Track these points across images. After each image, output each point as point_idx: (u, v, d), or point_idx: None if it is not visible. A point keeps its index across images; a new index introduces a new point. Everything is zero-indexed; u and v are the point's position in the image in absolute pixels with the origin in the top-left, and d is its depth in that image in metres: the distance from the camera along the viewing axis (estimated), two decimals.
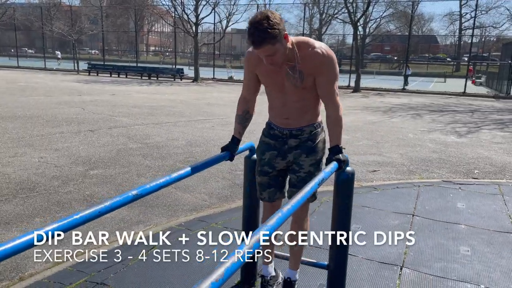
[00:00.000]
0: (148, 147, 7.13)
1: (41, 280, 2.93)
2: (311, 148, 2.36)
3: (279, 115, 2.36)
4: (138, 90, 18.86)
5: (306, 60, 2.15)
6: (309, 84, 2.21)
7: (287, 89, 2.25)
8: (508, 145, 8.50)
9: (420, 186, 5.33)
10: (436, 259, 3.34)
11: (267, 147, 2.44)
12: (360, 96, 20.23)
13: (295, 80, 2.19)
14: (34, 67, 35.55)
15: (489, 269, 3.21)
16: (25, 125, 8.69)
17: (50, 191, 4.77)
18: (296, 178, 2.39)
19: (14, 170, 5.47)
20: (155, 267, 3.10)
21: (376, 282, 2.99)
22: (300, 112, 2.31)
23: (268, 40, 1.96)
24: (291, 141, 2.36)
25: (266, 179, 2.48)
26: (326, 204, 4.52)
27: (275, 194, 2.52)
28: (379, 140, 8.58)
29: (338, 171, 2.19)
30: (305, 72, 2.17)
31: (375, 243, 2.35)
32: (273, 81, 2.27)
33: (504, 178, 5.99)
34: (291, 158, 2.38)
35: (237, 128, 2.47)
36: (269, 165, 2.44)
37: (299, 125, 2.33)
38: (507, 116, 13.78)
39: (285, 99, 2.29)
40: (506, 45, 27.95)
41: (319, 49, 2.15)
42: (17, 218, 3.99)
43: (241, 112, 2.45)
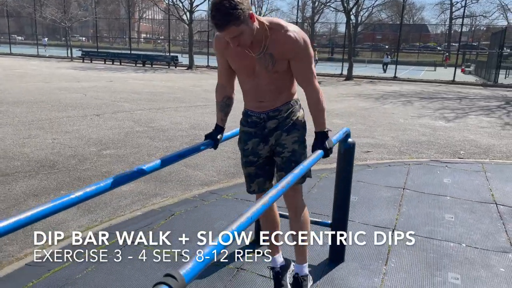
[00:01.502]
0: (154, 130, 7.50)
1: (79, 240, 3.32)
2: (290, 125, 2.27)
3: (253, 99, 2.27)
4: (134, 77, 19.10)
5: (278, 44, 2.05)
6: (282, 69, 2.13)
7: (258, 73, 2.15)
8: (493, 129, 8.99)
9: (410, 164, 5.78)
10: (423, 224, 3.78)
11: (248, 136, 2.35)
12: (352, 84, 20.66)
13: (266, 63, 2.09)
14: (26, 54, 35.42)
15: (470, 232, 3.67)
16: (32, 109, 8.99)
17: (69, 168, 5.14)
18: (281, 159, 2.30)
19: (31, 150, 5.81)
20: (178, 228, 3.51)
21: (372, 242, 3.42)
22: (274, 94, 2.22)
23: (232, 21, 1.84)
24: (269, 123, 2.27)
25: (253, 169, 2.41)
26: (325, 180, 4.96)
27: (264, 184, 2.45)
28: (372, 124, 9.02)
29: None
30: (276, 56, 2.07)
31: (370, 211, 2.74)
32: (243, 65, 2.16)
33: (487, 158, 6.47)
34: (273, 141, 2.30)
35: (219, 116, 2.41)
36: (254, 154, 2.36)
37: (274, 106, 2.24)
38: (493, 103, 14.31)
39: (256, 83, 2.19)
40: (495, 34, 28.49)
41: (292, 33, 2.04)
42: (44, 191, 4.36)
43: (221, 99, 2.38)
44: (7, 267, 2.94)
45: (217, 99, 2.39)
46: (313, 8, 59.10)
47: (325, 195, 4.44)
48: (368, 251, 3.24)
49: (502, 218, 3.98)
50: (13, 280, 2.76)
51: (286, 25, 2.06)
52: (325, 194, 4.47)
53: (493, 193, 4.67)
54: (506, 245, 3.41)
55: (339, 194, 2.93)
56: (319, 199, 4.31)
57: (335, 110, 10.87)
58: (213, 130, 2.38)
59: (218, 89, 2.38)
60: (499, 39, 24.31)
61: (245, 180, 2.49)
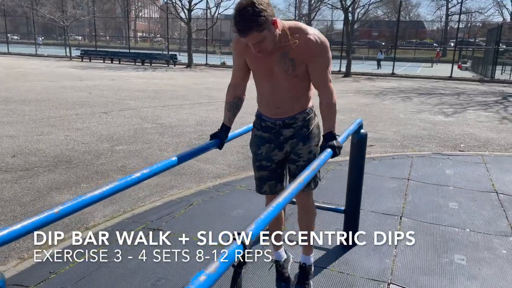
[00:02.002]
0: (162, 126, 7.69)
1: (104, 229, 3.52)
2: (306, 135, 2.29)
3: (269, 105, 2.26)
4: (135, 76, 19.25)
5: (299, 48, 2.05)
6: (301, 72, 2.13)
7: (277, 76, 2.14)
8: (491, 124, 9.22)
9: (413, 157, 6.00)
10: (429, 211, 4.00)
11: (262, 140, 2.35)
12: (351, 81, 20.88)
13: (286, 67, 2.10)
14: (25, 53, 35.45)
15: (473, 218, 3.88)
16: (40, 107, 9.16)
17: (85, 163, 5.33)
18: (296, 167, 2.32)
19: (46, 147, 5.99)
20: (198, 216, 3.71)
21: (381, 227, 3.64)
22: (291, 100, 2.22)
23: (255, 28, 1.85)
24: (285, 132, 2.28)
25: (266, 173, 2.42)
26: (333, 172, 5.17)
27: (275, 186, 2.46)
28: (373, 120, 9.23)
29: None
30: (297, 60, 2.08)
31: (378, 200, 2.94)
32: (262, 67, 2.16)
33: (487, 150, 6.69)
34: (288, 148, 2.32)
35: (227, 115, 2.40)
36: (267, 159, 2.37)
37: (291, 113, 2.25)
38: (491, 98, 14.55)
39: (274, 86, 2.18)
40: (491, 30, 28.75)
41: (313, 36, 2.06)
42: (65, 185, 4.55)
43: (232, 99, 2.37)
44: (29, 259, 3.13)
45: (227, 99, 2.38)
46: (310, 5, 59.28)
47: (333, 185, 4.65)
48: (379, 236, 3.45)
49: (502, 206, 4.19)
50: (51, 264, 2.95)
51: (306, 28, 2.08)
52: (333, 185, 4.68)
53: (494, 183, 4.89)
54: (507, 230, 3.63)
55: (353, 181, 3.13)
56: (328, 189, 4.51)
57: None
58: (219, 129, 2.36)
59: (230, 89, 2.37)
60: (495, 35, 24.56)
61: (256, 182, 2.49)
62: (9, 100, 10.02)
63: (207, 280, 0.95)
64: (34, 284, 2.67)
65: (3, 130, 6.89)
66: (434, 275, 2.88)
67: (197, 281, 0.93)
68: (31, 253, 3.13)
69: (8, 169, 4.98)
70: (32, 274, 2.80)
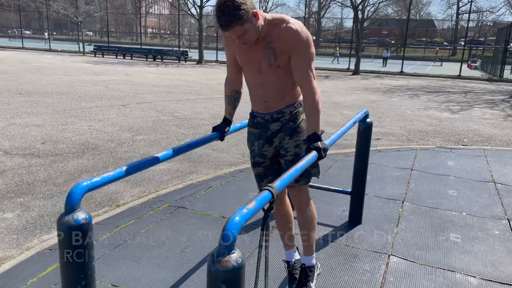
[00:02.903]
0: (178, 119, 8.07)
1: (134, 206, 3.90)
2: (293, 129, 2.29)
3: (258, 99, 2.30)
4: (149, 71, 19.69)
5: (279, 36, 2.07)
6: (284, 63, 2.13)
7: (263, 69, 2.17)
8: (496, 121, 9.49)
9: (417, 150, 6.32)
10: (429, 197, 4.33)
11: (254, 137, 2.40)
12: (360, 78, 21.14)
13: (268, 57, 2.11)
14: (39, 48, 36.10)
15: (470, 204, 4.20)
16: (61, 100, 9.59)
17: (110, 150, 5.72)
18: (285, 162, 2.33)
19: (72, 135, 6.40)
20: (217, 197, 4.08)
21: (384, 210, 3.98)
22: (278, 93, 2.23)
23: (235, 22, 1.89)
24: (273, 126, 2.30)
25: (261, 169, 2.44)
26: (340, 161, 5.52)
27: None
28: (380, 115, 9.54)
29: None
30: (278, 49, 2.09)
31: (382, 187, 3.27)
32: (249, 60, 2.19)
33: (489, 145, 6.99)
34: (277, 142, 2.33)
35: (227, 108, 2.49)
36: (260, 155, 2.40)
37: (278, 107, 2.27)
38: (498, 97, 14.76)
39: (261, 79, 2.21)
40: (501, 29, 28.78)
41: (293, 25, 2.06)
42: (93, 169, 4.94)
43: (229, 93, 2.45)
44: None
45: (226, 92, 2.48)
46: (320, 2, 59.41)
47: (341, 174, 5.00)
48: (382, 216, 3.80)
49: (499, 194, 4.51)
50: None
51: (289, 19, 2.09)
52: (341, 173, 5.02)
53: (492, 174, 5.20)
54: (501, 214, 3.95)
55: (358, 165, 3.48)
56: (336, 177, 4.86)
57: (345, 102, 11.40)
58: (221, 122, 2.48)
59: (227, 82, 2.46)
60: (505, 34, 24.63)
61: (256, 180, 2.52)
62: (32, 93, 10.48)
63: (248, 213, 1.31)
64: None
65: (30, 120, 7.31)
66: (430, 250, 3.22)
67: (241, 212, 1.29)
68: None
69: (40, 154, 5.39)
70: None
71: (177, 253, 3.01)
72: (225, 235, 1.23)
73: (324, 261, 2.96)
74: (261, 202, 1.39)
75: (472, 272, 2.90)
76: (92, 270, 1.52)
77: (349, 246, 3.22)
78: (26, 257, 2.96)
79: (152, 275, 2.72)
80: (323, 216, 3.74)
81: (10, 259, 2.96)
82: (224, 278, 1.21)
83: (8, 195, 4.06)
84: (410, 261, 3.03)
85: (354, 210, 3.62)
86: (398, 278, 2.80)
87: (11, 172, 4.69)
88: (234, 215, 1.28)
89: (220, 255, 1.21)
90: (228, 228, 1.23)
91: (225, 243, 1.22)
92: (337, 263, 2.96)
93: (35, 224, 3.50)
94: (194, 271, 2.78)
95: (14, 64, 19.47)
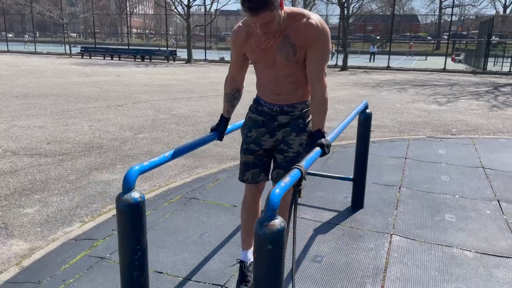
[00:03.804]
0: (176, 117, 8.26)
1: (148, 199, 4.10)
2: (301, 127, 2.23)
3: (269, 91, 2.22)
4: (139, 71, 19.77)
5: (300, 32, 2.00)
6: (302, 58, 2.07)
7: (278, 63, 2.10)
8: (481, 111, 9.86)
9: (409, 140, 6.62)
10: (423, 183, 4.61)
11: (255, 123, 2.31)
12: (348, 74, 21.49)
13: (287, 53, 2.04)
14: (23, 51, 35.79)
15: (462, 187, 4.49)
16: (58, 101, 9.70)
17: (115, 148, 5.90)
18: (284, 158, 2.26)
19: (75, 135, 6.56)
20: (226, 188, 4.30)
21: (383, 195, 4.25)
22: (292, 87, 2.17)
23: (268, 6, 1.81)
24: (281, 118, 2.23)
25: (251, 158, 2.35)
26: (338, 153, 5.78)
27: (258, 175, 2.39)
28: (371, 109, 9.81)
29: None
30: (298, 45, 2.02)
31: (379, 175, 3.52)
32: (263, 56, 2.12)
33: (476, 134, 7.32)
34: (280, 136, 2.26)
35: (225, 107, 2.40)
36: (256, 143, 2.31)
37: (290, 101, 2.20)
38: (482, 89, 15.21)
39: (275, 74, 2.14)
40: (483, 23, 29.41)
41: (314, 21, 1.99)
42: (102, 166, 5.12)
43: (230, 91, 2.37)
44: (99, 217, 3.71)
45: (226, 91, 2.38)
46: (305, 0, 59.78)
47: (340, 164, 5.26)
48: (381, 201, 4.06)
49: (488, 178, 4.81)
50: (110, 222, 3.54)
51: (309, 14, 2.03)
52: (340, 164, 5.29)
53: (481, 160, 5.51)
54: (491, 196, 4.25)
55: (360, 152, 3.73)
56: (336, 167, 5.12)
57: (337, 97, 11.68)
58: (219, 121, 2.39)
59: (228, 80, 2.36)
60: (488, 28, 25.21)
61: (240, 168, 2.42)
62: (27, 95, 10.56)
63: (284, 186, 1.54)
64: (102, 237, 3.25)
65: (31, 122, 7.44)
66: (428, 228, 3.49)
67: (279, 185, 1.52)
68: (91, 217, 3.71)
69: (48, 154, 5.55)
70: (98, 231, 3.39)
71: (196, 238, 3.23)
72: (269, 204, 1.45)
73: (332, 242, 3.21)
74: (293, 178, 1.63)
75: (468, 247, 3.17)
76: (145, 241, 1.74)
77: (354, 228, 3.47)
78: (54, 247, 3.15)
79: (175, 257, 2.93)
80: (327, 202, 3.99)
81: (38, 249, 3.15)
82: (270, 240, 1.44)
83: (25, 193, 4.23)
84: (411, 239, 3.29)
85: (356, 195, 3.87)
86: (401, 254, 3.06)
87: (23, 171, 4.85)
88: (274, 188, 1.51)
89: (266, 220, 1.44)
90: (271, 199, 1.46)
91: (269, 211, 1.45)
92: (344, 243, 3.20)
93: (56, 218, 3.68)
94: (215, 253, 3.01)
95: (3, 68, 19.40)
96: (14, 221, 3.61)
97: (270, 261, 1.45)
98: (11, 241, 3.26)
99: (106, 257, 2.94)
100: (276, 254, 1.45)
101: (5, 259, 3.00)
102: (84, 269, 2.78)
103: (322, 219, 3.62)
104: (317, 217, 3.66)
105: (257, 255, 1.48)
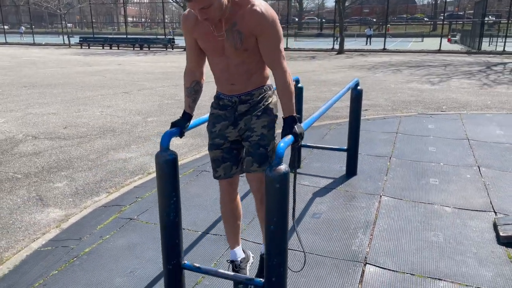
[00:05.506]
0: (180, 102, 8.69)
1: None
2: (261, 110, 2.21)
3: (224, 82, 2.19)
4: (139, 60, 20.12)
5: (245, 19, 1.98)
6: (251, 46, 2.04)
7: (228, 52, 2.07)
8: (472, 89, 10.30)
9: (401, 117, 7.07)
10: (412, 153, 5.08)
11: (217, 118, 2.29)
12: (344, 57, 21.84)
13: (234, 41, 2.01)
14: (22, 43, 35.98)
15: (447, 157, 4.96)
16: (66, 90, 10.12)
17: (127, 131, 6.35)
18: (249, 143, 2.22)
19: (88, 120, 7.00)
20: None
21: (375, 164, 4.71)
22: (245, 75, 2.14)
23: None
24: (241, 107, 2.21)
25: (218, 152, 2.31)
26: (334, 130, 6.23)
27: (230, 169, 2.35)
28: (366, 90, 10.26)
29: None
30: (245, 32, 2.00)
31: (372, 147, 3.96)
32: (212, 45, 2.08)
33: (465, 110, 7.77)
34: (242, 125, 2.23)
35: (187, 102, 2.33)
36: (220, 136, 2.28)
37: (246, 89, 2.18)
38: (475, 68, 15.61)
39: (226, 63, 2.11)
40: (478, 3, 29.62)
41: (258, 7, 1.97)
42: (118, 146, 5.58)
43: (189, 84, 2.30)
44: (122, 188, 4.18)
45: (186, 84, 2.32)
46: None
47: (336, 138, 5.72)
48: (373, 169, 4.53)
49: (471, 148, 5.28)
50: (122, 198, 4.00)
51: (253, 0, 2.00)
52: (336, 138, 5.75)
53: (467, 133, 5.97)
54: (472, 163, 4.72)
55: (353, 125, 4.19)
56: (332, 141, 5.58)
57: (333, 80, 12.10)
58: (181, 117, 2.31)
59: (187, 73, 2.30)
60: (482, 8, 25.47)
61: (212, 165, 2.39)
62: (35, 85, 10.97)
63: (288, 141, 1.99)
64: (128, 204, 3.72)
65: (45, 109, 7.88)
66: (414, 190, 3.96)
67: (284, 140, 1.97)
68: (115, 189, 4.18)
69: (66, 137, 6.00)
70: (123, 199, 3.86)
71: (211, 202, 3.71)
72: (277, 153, 1.90)
73: (329, 203, 3.68)
74: (288, 142, 2.04)
75: (447, 204, 3.65)
76: (179, 189, 2.20)
77: (348, 191, 3.94)
78: (87, 213, 3.62)
79: (195, 217, 3.41)
80: (325, 171, 4.46)
81: (73, 215, 3.62)
82: (278, 180, 1.89)
83: (52, 170, 4.69)
84: (398, 199, 3.77)
85: (350, 164, 4.34)
86: (389, 210, 3.53)
87: (47, 152, 5.31)
88: (279, 142, 1.96)
89: (274, 166, 1.90)
90: (278, 150, 1.91)
91: (277, 159, 1.90)
92: (340, 204, 3.68)
93: (84, 190, 4.15)
94: None
95: (6, 60, 19.74)
96: (47, 193, 4.07)
97: (278, 196, 1.91)
98: (48, 210, 3.73)
99: (134, 218, 3.42)
100: (282, 190, 1.90)
101: (45, 223, 3.47)
102: (117, 228, 3.26)
103: (320, 185, 4.09)
104: (316, 183, 4.14)
105: (268, 193, 1.93)
